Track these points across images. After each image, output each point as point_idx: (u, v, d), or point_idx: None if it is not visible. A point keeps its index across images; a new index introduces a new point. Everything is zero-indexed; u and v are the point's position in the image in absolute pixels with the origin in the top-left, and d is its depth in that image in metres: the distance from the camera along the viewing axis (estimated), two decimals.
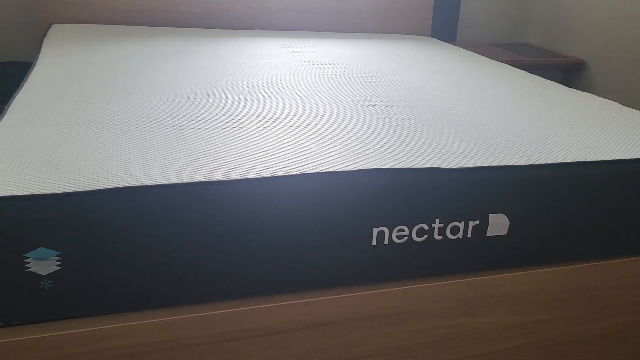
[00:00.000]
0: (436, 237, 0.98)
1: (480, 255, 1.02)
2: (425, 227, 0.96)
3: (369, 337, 1.00)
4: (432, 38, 2.48)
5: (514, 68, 1.86)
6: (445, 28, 2.73)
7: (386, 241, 0.95)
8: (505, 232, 1.02)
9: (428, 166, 0.97)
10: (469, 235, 0.99)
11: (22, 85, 1.31)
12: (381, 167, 0.95)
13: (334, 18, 2.44)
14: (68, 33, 1.92)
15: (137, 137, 1.01)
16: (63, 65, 1.50)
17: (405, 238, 0.96)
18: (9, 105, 1.15)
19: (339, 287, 0.97)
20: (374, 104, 1.33)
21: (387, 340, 1.01)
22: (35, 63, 1.52)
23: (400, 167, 0.96)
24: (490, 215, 1.00)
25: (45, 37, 1.87)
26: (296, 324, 0.94)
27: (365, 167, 0.94)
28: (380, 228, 0.94)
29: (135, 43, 1.83)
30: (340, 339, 0.98)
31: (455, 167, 0.98)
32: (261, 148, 0.99)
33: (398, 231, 0.95)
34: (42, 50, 1.67)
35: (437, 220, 0.97)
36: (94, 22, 2.16)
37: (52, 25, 2.04)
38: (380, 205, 0.93)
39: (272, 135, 1.06)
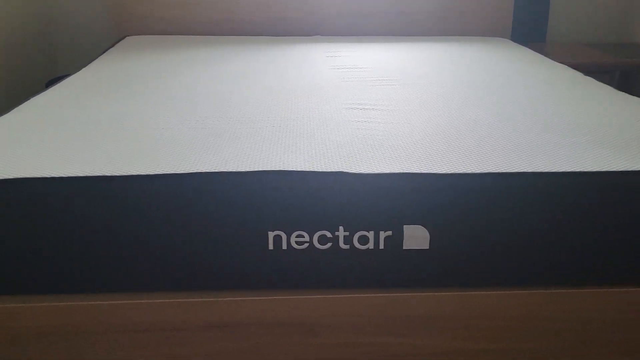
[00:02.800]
0: (342, 245, 0.92)
1: (399, 270, 0.94)
2: (328, 234, 0.91)
3: (277, 344, 0.97)
4: (506, 40, 2.30)
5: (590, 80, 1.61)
6: (531, 27, 2.52)
7: (284, 246, 0.92)
8: (426, 247, 0.93)
9: (334, 170, 0.92)
10: (381, 246, 0.92)
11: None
12: (280, 169, 0.92)
13: (400, 21, 2.37)
14: (138, 44, 2.11)
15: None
16: (103, 70, 1.65)
17: (306, 245, 0.92)
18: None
19: (242, 290, 0.95)
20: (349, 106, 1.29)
21: (297, 351, 0.98)
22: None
23: (303, 170, 0.92)
24: (404, 226, 0.91)
25: (113, 47, 2.07)
26: (196, 323, 0.95)
27: (265, 169, 0.92)
28: (277, 232, 0.91)
29: (201, 50, 1.94)
30: (247, 343, 0.97)
31: (363, 172, 0.92)
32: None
33: (297, 237, 0.91)
34: (101, 58, 1.86)
35: (341, 228, 0.91)
36: (166, 34, 2.34)
37: (126, 37, 2.25)
38: (276, 209, 0.90)
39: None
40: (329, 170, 0.92)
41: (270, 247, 0.92)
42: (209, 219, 0.90)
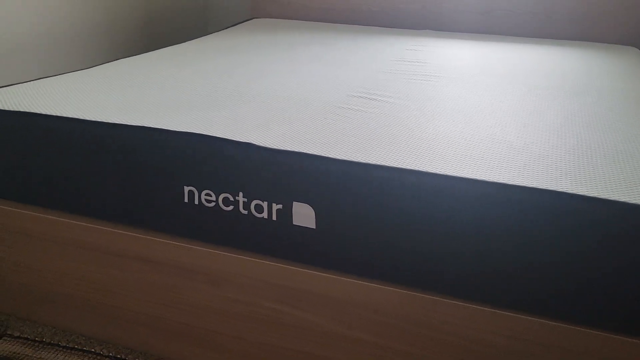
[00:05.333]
0: (242, 210, 1.01)
1: (289, 243, 0.99)
2: (230, 197, 1.01)
3: (187, 287, 1.09)
4: (634, 49, 2.03)
5: None
6: None
7: (196, 201, 1.04)
8: (313, 226, 0.97)
9: (244, 140, 1.01)
10: (274, 217, 0.99)
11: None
12: (206, 133, 1.03)
13: (519, 20, 2.24)
14: (259, 24, 2.34)
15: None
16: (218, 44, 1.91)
17: (213, 203, 1.02)
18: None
19: (163, 233, 1.09)
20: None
21: (203, 297, 1.09)
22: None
23: (219, 136, 1.02)
24: (294, 202, 0.97)
25: (236, 25, 2.34)
26: (130, 253, 1.12)
27: (192, 131, 1.04)
28: (190, 188, 1.03)
29: (311, 35, 2.11)
30: (167, 281, 1.11)
31: (268, 146, 0.99)
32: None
33: (206, 195, 1.02)
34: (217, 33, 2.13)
35: (241, 194, 1.00)
36: (292, 18, 2.54)
37: (253, 19, 2.50)
38: (192, 167, 1.02)
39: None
40: (241, 140, 1.01)
41: (185, 200, 1.04)
42: (142, 167, 1.06)
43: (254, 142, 1.00)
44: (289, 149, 0.97)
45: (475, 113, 1.20)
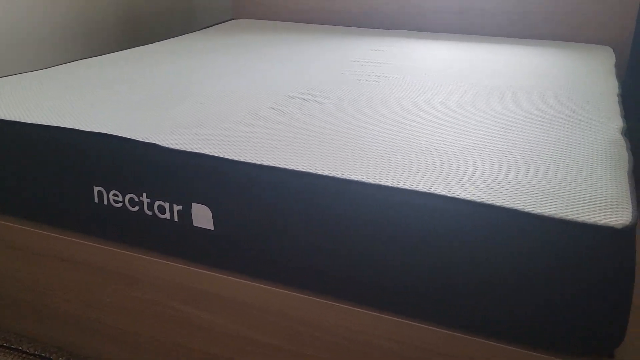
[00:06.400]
0: (147, 211, 1.01)
1: (191, 244, 0.99)
2: (136, 198, 1.01)
3: (103, 286, 1.09)
4: (607, 48, 1.97)
5: None
6: None
7: (105, 202, 1.04)
8: (211, 227, 0.96)
9: (147, 141, 1.00)
10: (176, 219, 0.98)
11: None
12: (113, 134, 1.04)
13: (495, 20, 2.20)
14: (236, 25, 2.35)
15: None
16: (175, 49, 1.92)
17: (120, 204, 1.03)
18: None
19: (80, 233, 1.10)
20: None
21: (119, 298, 1.09)
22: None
23: (124, 136, 1.02)
24: (192, 204, 0.96)
25: (213, 26, 2.34)
26: (51, 252, 1.13)
27: (99, 131, 1.05)
28: (99, 188, 1.04)
29: (283, 36, 2.10)
30: (84, 279, 1.11)
31: (170, 147, 0.98)
32: None
33: (114, 195, 1.03)
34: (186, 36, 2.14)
35: (145, 194, 1.00)
36: (273, 19, 2.53)
37: (232, 20, 2.51)
38: (100, 167, 1.03)
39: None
40: (146, 141, 1.01)
41: (96, 200, 1.05)
42: (57, 167, 1.07)
43: (159, 143, 1.00)
44: (188, 150, 0.97)
45: (410, 115, 1.18)
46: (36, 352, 1.20)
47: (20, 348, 1.21)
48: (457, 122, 1.13)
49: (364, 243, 0.86)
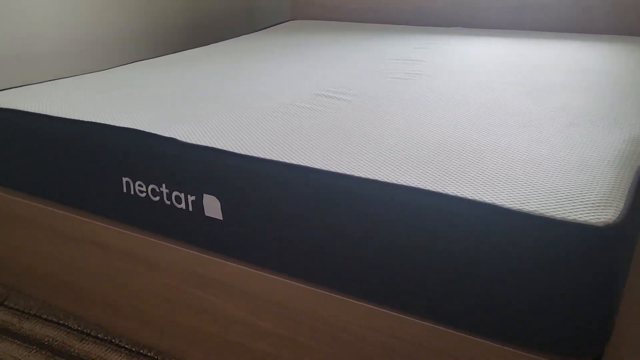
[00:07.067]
0: (166, 201, 1.08)
1: (205, 233, 1.05)
2: (157, 189, 1.08)
3: (129, 271, 1.18)
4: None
5: None
6: None
7: (132, 192, 1.12)
8: (220, 217, 1.01)
9: (166, 135, 1.08)
10: (191, 209, 1.05)
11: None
12: (136, 128, 1.12)
13: (556, 15, 2.11)
14: (292, 27, 2.41)
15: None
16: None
17: (144, 194, 1.11)
18: None
19: (110, 220, 1.19)
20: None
21: (143, 282, 1.17)
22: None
23: (145, 130, 1.10)
24: (204, 195, 1.02)
25: (270, 27, 2.42)
26: (69, 234, 1.23)
27: (127, 126, 1.13)
28: (127, 179, 1.12)
29: (336, 37, 2.15)
30: (114, 264, 1.20)
31: (188, 142, 1.05)
32: None
33: (139, 185, 1.11)
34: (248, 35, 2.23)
35: (164, 185, 1.07)
36: (330, 19, 2.57)
37: (289, 21, 2.57)
38: (128, 159, 1.11)
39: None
40: (165, 135, 1.08)
41: (124, 190, 1.13)
42: (90, 159, 1.17)
43: (177, 138, 1.07)
44: (200, 144, 1.03)
45: (427, 112, 1.18)
46: (79, 328, 1.31)
47: (66, 324, 1.33)
48: (470, 120, 1.12)
49: (362, 237, 0.88)
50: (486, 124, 1.09)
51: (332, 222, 0.90)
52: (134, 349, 1.23)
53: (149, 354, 1.22)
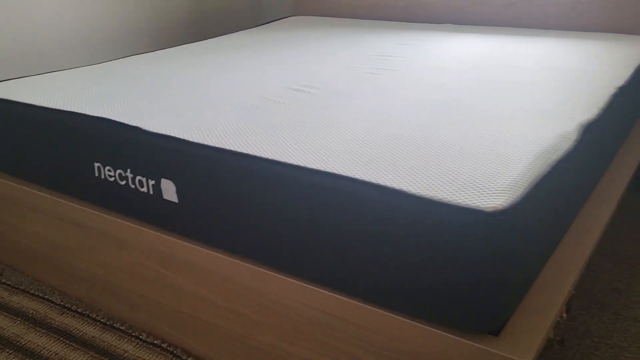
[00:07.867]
0: (131, 185, 1.17)
1: (166, 215, 1.14)
2: (123, 173, 1.18)
3: (101, 249, 1.28)
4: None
5: None
6: None
7: (103, 176, 1.22)
8: (176, 200, 1.10)
9: (131, 124, 1.17)
10: (151, 192, 1.14)
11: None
12: (107, 117, 1.21)
13: (546, 12, 2.14)
14: (290, 22, 2.49)
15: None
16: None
17: (113, 178, 1.20)
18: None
19: (86, 202, 1.30)
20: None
21: (107, 257, 1.27)
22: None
23: (114, 119, 1.19)
24: (162, 179, 1.11)
25: (268, 23, 2.51)
26: (68, 219, 1.33)
27: (91, 114, 1.23)
28: (97, 164, 1.22)
29: (329, 33, 2.22)
30: (91, 243, 1.31)
31: (150, 130, 1.14)
32: None
33: (108, 170, 1.20)
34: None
35: (129, 170, 1.16)
36: (331, 15, 2.64)
37: (290, 17, 2.65)
38: (98, 146, 1.21)
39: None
40: (129, 123, 1.17)
41: (96, 174, 1.23)
42: (67, 145, 1.27)
43: (142, 127, 1.16)
44: (162, 133, 1.12)
45: (376, 108, 1.24)
46: (61, 303, 1.42)
47: (50, 299, 1.44)
48: (414, 117, 1.18)
49: (293, 220, 0.96)
50: (427, 120, 1.15)
51: (272, 205, 0.98)
52: (108, 323, 1.34)
53: (121, 328, 1.32)
